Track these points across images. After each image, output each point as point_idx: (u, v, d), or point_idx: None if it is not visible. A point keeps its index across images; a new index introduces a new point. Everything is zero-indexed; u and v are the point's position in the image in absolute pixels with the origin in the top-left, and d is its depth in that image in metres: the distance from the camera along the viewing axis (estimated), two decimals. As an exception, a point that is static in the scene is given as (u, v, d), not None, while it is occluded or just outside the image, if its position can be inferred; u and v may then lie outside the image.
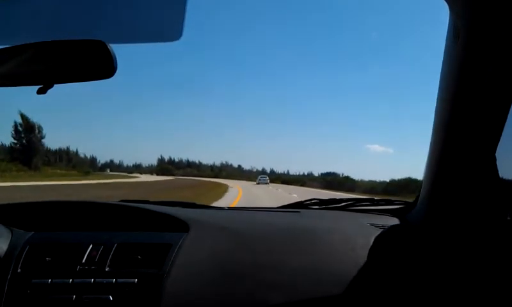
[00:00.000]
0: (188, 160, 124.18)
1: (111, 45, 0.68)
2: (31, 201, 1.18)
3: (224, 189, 23.48)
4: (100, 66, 0.69)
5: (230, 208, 1.45)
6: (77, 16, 0.83)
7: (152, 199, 1.34)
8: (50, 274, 0.89)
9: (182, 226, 1.01)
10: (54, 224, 1.09)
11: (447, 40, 0.81)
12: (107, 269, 0.89)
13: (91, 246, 0.94)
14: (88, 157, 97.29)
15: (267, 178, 45.08)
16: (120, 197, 1.48)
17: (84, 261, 0.91)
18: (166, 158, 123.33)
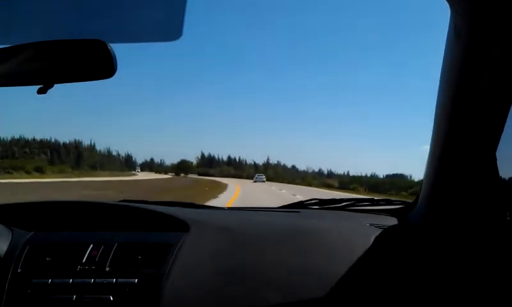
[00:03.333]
0: (229, 157, 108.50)
1: (111, 45, 0.68)
2: (31, 201, 1.18)
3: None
4: (100, 66, 0.69)
5: (230, 208, 1.45)
6: (77, 16, 0.83)
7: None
8: (51, 274, 0.89)
9: (182, 226, 1.01)
10: (55, 224, 1.09)
11: (447, 39, 0.80)
12: (107, 269, 0.89)
13: (91, 246, 0.94)
14: (123, 155, 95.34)
15: (263, 176, 49.42)
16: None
17: (84, 261, 0.91)
18: (206, 154, 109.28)
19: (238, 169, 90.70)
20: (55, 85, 0.72)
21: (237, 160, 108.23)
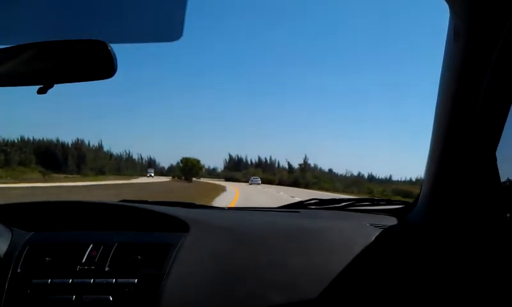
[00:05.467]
0: (259, 158, 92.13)
1: (111, 45, 0.68)
2: (31, 201, 1.18)
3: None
4: (100, 66, 0.69)
5: (230, 208, 1.45)
6: (77, 16, 0.83)
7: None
8: (50, 274, 0.89)
9: (182, 226, 1.01)
10: (54, 224, 1.09)
11: (447, 40, 0.81)
12: (107, 269, 0.89)
13: (91, 246, 0.94)
14: (146, 158, 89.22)
15: (259, 179, 47.99)
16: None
17: (84, 261, 0.91)
18: (234, 156, 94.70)
19: (268, 171, 74.78)
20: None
21: (268, 161, 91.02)
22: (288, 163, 75.98)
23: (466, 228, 0.86)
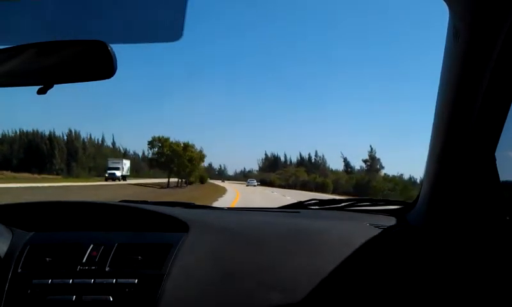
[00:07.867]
0: (301, 155, 73.01)
1: (111, 45, 0.68)
2: (32, 201, 1.18)
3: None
4: (100, 66, 0.70)
5: (229, 209, 1.45)
6: (77, 16, 0.83)
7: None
8: (51, 274, 0.89)
9: (181, 227, 1.01)
10: (55, 224, 1.09)
11: (446, 40, 0.81)
12: (107, 269, 0.89)
13: (91, 246, 0.94)
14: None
15: (255, 181, 46.27)
16: None
17: (84, 261, 0.91)
18: (270, 155, 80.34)
19: (314, 171, 54.98)
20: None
21: (312, 159, 68.34)
22: (345, 159, 52.32)
23: (465, 229, 0.86)
